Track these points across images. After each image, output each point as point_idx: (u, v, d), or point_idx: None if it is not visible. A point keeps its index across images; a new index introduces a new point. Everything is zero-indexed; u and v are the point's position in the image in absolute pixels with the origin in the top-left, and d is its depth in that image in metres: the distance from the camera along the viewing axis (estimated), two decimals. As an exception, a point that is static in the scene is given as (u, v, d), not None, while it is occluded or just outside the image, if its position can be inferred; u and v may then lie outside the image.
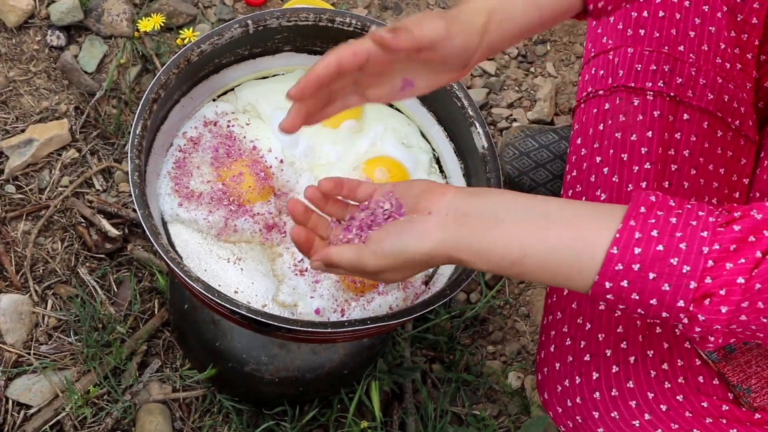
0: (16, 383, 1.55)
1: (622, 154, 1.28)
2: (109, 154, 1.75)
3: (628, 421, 1.18)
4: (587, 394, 1.20)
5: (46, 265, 1.65)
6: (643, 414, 1.17)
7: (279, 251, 1.26)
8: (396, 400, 1.63)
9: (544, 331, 1.29)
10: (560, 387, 1.23)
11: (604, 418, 1.19)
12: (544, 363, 1.27)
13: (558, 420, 1.25)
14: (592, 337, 1.22)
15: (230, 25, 1.29)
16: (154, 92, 1.22)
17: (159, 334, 1.63)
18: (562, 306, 1.27)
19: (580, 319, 1.24)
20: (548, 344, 1.27)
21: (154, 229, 1.14)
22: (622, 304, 0.95)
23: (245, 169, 1.27)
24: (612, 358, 1.20)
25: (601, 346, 1.21)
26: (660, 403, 1.18)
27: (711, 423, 1.17)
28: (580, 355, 1.22)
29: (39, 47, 1.81)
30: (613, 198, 1.28)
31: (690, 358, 1.21)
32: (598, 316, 1.23)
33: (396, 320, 1.15)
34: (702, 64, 1.30)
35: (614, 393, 1.19)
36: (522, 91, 1.94)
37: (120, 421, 1.55)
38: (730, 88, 1.30)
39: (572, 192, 1.33)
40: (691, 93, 1.29)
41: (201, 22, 1.88)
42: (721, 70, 1.30)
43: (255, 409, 1.58)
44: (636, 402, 1.18)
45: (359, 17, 1.32)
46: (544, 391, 1.27)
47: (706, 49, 1.30)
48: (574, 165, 1.34)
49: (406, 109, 1.40)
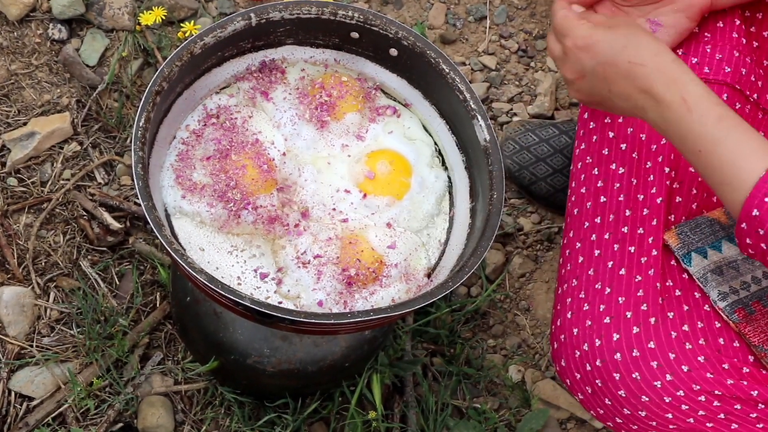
0: (18, 375, 1.56)
1: (641, 134, 1.29)
2: (111, 148, 1.76)
3: (650, 382, 1.18)
4: (608, 356, 1.20)
5: (48, 258, 1.66)
6: (665, 375, 1.18)
7: (282, 243, 1.27)
8: (397, 393, 1.64)
9: (559, 301, 1.29)
10: (579, 352, 1.23)
11: (625, 380, 1.19)
12: (560, 331, 1.27)
13: (575, 388, 1.25)
14: (612, 300, 1.23)
15: (233, 18, 1.29)
16: (158, 84, 1.22)
17: (161, 326, 1.64)
18: (577, 274, 1.28)
19: (599, 284, 1.25)
20: (564, 312, 1.27)
21: (157, 221, 1.15)
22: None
23: (248, 162, 1.28)
24: (633, 320, 1.20)
25: (621, 308, 1.22)
26: (681, 363, 1.18)
27: (732, 384, 1.17)
28: (600, 318, 1.23)
29: (41, 40, 1.81)
30: (633, 172, 1.29)
31: (710, 321, 1.21)
32: (618, 280, 1.24)
33: (398, 311, 1.15)
34: (718, 40, 1.30)
35: (635, 353, 1.19)
36: (522, 85, 1.95)
37: (122, 414, 1.56)
38: (747, 62, 1.30)
39: (581, 164, 1.34)
40: (708, 69, 1.29)
41: (202, 15, 1.88)
42: (738, 44, 1.30)
43: (257, 402, 1.59)
44: (657, 363, 1.18)
45: (361, 10, 1.33)
46: (560, 359, 1.27)
47: (721, 26, 1.30)
48: (582, 139, 1.36)
49: (408, 103, 1.41)
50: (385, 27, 1.33)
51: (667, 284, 1.23)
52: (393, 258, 1.27)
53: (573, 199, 1.34)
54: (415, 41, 1.33)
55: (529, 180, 1.77)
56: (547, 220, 1.83)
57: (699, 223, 1.26)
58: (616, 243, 1.26)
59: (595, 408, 1.25)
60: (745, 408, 1.18)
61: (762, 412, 1.18)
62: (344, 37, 1.37)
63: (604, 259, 1.26)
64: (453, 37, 1.96)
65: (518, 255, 1.79)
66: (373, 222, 1.30)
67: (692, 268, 1.24)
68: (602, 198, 1.30)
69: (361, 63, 1.40)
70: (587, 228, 1.30)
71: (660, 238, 1.25)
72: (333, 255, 1.25)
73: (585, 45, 1.14)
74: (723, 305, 1.21)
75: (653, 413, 1.19)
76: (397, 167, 1.33)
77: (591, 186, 1.31)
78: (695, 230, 1.26)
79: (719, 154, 1.06)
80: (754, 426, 1.19)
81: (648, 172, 1.27)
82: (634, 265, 1.24)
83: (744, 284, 1.22)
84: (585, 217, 1.31)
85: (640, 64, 1.09)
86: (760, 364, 1.20)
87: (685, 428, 1.20)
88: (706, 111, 1.06)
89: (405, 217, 1.32)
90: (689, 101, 1.07)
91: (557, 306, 1.29)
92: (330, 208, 1.30)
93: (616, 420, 1.23)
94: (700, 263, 1.24)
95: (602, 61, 1.12)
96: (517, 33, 1.98)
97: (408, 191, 1.32)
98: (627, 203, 1.27)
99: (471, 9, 1.98)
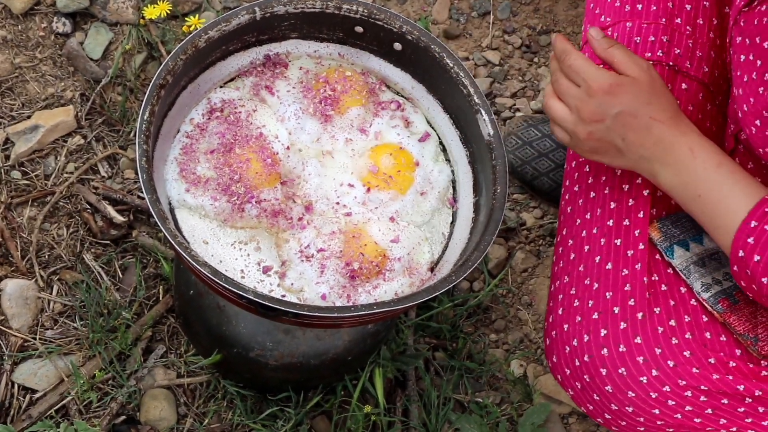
0: (21, 368, 1.56)
1: None
2: (114, 141, 1.76)
3: (636, 377, 1.19)
4: (595, 351, 1.21)
5: (51, 251, 1.66)
6: (651, 370, 1.19)
7: (285, 237, 1.27)
8: (399, 387, 1.64)
9: (552, 298, 1.30)
10: (569, 347, 1.24)
11: (612, 375, 1.20)
12: (552, 327, 1.28)
13: (566, 384, 1.26)
14: (600, 296, 1.24)
15: (237, 12, 1.29)
16: (162, 78, 1.23)
17: (164, 320, 1.64)
18: (569, 270, 1.29)
19: (587, 280, 1.26)
20: (556, 308, 1.28)
21: (161, 214, 1.15)
22: (758, 255, 1.08)
23: (252, 155, 1.28)
24: (620, 315, 1.21)
25: (608, 304, 1.22)
26: (667, 359, 1.19)
27: (718, 379, 1.18)
28: (588, 314, 1.23)
29: (45, 34, 1.81)
30: None
31: (697, 315, 1.22)
32: (605, 275, 1.24)
33: (402, 305, 1.16)
34: (698, 36, 1.31)
35: (622, 349, 1.20)
36: (525, 80, 1.95)
37: (125, 406, 1.56)
38: (719, 63, 1.32)
39: (575, 162, 1.35)
40: (689, 64, 1.31)
41: (206, 9, 1.88)
42: (713, 45, 1.32)
43: (259, 395, 1.59)
44: (643, 358, 1.19)
45: (365, 5, 1.33)
46: (552, 355, 1.28)
47: (701, 23, 1.32)
48: None
49: (412, 98, 1.41)
50: (389, 21, 1.34)
51: (653, 279, 1.24)
52: (396, 252, 1.27)
53: (567, 197, 1.35)
54: (420, 35, 1.33)
55: (532, 175, 1.78)
56: (549, 215, 1.83)
57: (680, 217, 1.27)
58: (602, 237, 1.27)
59: (585, 404, 1.25)
60: (732, 402, 1.18)
61: (749, 406, 1.19)
62: (348, 31, 1.37)
63: (592, 255, 1.27)
64: (456, 32, 1.96)
65: (521, 250, 1.79)
66: (377, 216, 1.31)
67: (675, 260, 1.24)
68: (592, 194, 1.31)
69: (365, 57, 1.40)
70: (578, 225, 1.31)
71: (646, 231, 1.25)
72: (336, 249, 1.26)
73: (612, 91, 1.16)
74: (707, 296, 1.22)
75: (640, 409, 1.20)
76: (400, 161, 1.33)
77: (582, 183, 1.32)
78: (676, 223, 1.26)
79: (716, 198, 1.13)
80: (742, 420, 1.19)
81: None
82: (620, 258, 1.25)
83: (726, 275, 1.23)
84: (577, 214, 1.32)
85: (659, 121, 1.15)
86: (747, 358, 1.20)
87: (673, 424, 1.20)
88: (708, 158, 1.14)
89: (408, 211, 1.32)
90: (695, 150, 1.14)
91: (550, 303, 1.30)
92: (333, 202, 1.31)
93: (605, 416, 1.24)
94: (682, 255, 1.25)
95: (625, 111, 1.16)
96: (521, 28, 1.98)
97: (411, 185, 1.32)
98: (612, 195, 1.28)
99: (475, 4, 1.98)
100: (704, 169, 1.14)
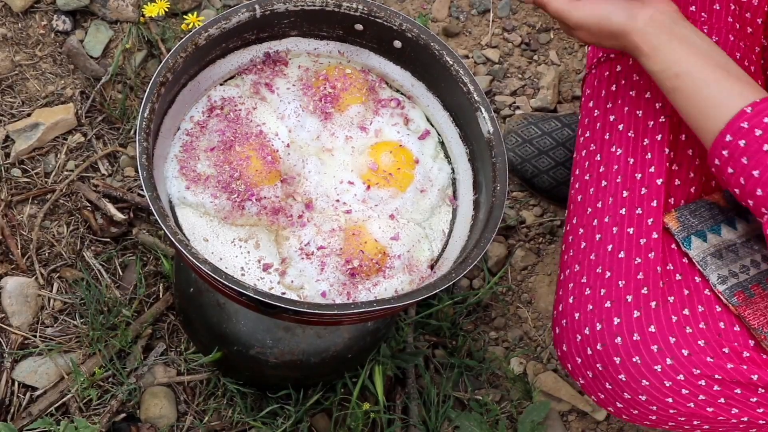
0: (22, 365, 1.56)
1: (637, 111, 1.30)
2: (115, 139, 1.76)
3: (650, 366, 1.19)
4: (608, 340, 1.21)
5: (51, 249, 1.66)
6: (665, 359, 1.18)
7: (285, 235, 1.27)
8: (399, 384, 1.64)
9: (561, 287, 1.30)
10: (580, 336, 1.24)
11: (626, 364, 1.20)
12: (562, 316, 1.28)
13: (576, 373, 1.26)
14: (613, 284, 1.23)
15: (237, 9, 1.29)
16: (162, 76, 1.23)
17: (164, 317, 1.64)
18: (580, 259, 1.28)
19: (599, 268, 1.25)
20: (566, 297, 1.28)
21: (162, 211, 1.15)
22: (732, 167, 1.11)
23: (252, 153, 1.28)
24: (633, 304, 1.21)
25: (621, 292, 1.22)
26: (682, 347, 1.19)
27: (732, 368, 1.18)
28: (601, 302, 1.23)
29: (45, 32, 1.81)
30: (630, 152, 1.30)
31: (711, 305, 1.22)
32: (618, 264, 1.24)
33: (402, 302, 1.16)
34: (714, 22, 1.31)
35: (636, 338, 1.19)
36: (525, 78, 1.95)
37: (125, 404, 1.56)
38: (741, 46, 1.31)
39: (586, 152, 1.35)
40: None
41: (206, 7, 1.88)
42: (733, 29, 1.31)
43: (259, 393, 1.59)
44: (658, 346, 1.19)
45: (365, 2, 1.33)
46: (562, 345, 1.27)
47: (718, 9, 1.31)
48: (586, 127, 1.36)
49: (412, 95, 1.41)
50: (389, 19, 1.34)
51: (668, 268, 1.24)
52: (396, 249, 1.27)
53: (576, 186, 1.35)
54: (419, 33, 1.33)
55: (532, 173, 1.78)
56: (549, 213, 1.83)
57: (698, 206, 1.27)
58: (615, 226, 1.27)
59: (596, 392, 1.25)
60: (745, 392, 1.19)
61: (762, 396, 1.19)
62: (348, 28, 1.37)
63: (604, 243, 1.27)
64: (456, 29, 1.96)
65: (520, 248, 1.80)
66: (377, 213, 1.31)
67: (692, 251, 1.24)
68: (603, 182, 1.30)
69: (365, 55, 1.40)
70: (590, 214, 1.30)
71: (660, 220, 1.25)
72: (336, 246, 1.26)
73: (576, 24, 1.22)
74: (722, 288, 1.22)
75: (653, 397, 1.20)
76: (400, 159, 1.33)
77: (594, 172, 1.32)
78: (695, 213, 1.26)
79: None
80: (754, 410, 1.20)
81: (645, 149, 1.28)
82: (633, 246, 1.24)
83: (743, 268, 1.23)
84: (588, 203, 1.31)
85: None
86: (761, 348, 1.20)
87: (686, 413, 1.20)
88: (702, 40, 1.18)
89: (408, 208, 1.32)
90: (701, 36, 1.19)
91: (559, 291, 1.30)
92: (334, 199, 1.31)
93: (617, 404, 1.24)
94: (699, 246, 1.25)
95: (594, 30, 1.22)
96: (521, 26, 1.99)
97: (411, 183, 1.32)
98: (624, 184, 1.28)
99: (474, 2, 1.98)
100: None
